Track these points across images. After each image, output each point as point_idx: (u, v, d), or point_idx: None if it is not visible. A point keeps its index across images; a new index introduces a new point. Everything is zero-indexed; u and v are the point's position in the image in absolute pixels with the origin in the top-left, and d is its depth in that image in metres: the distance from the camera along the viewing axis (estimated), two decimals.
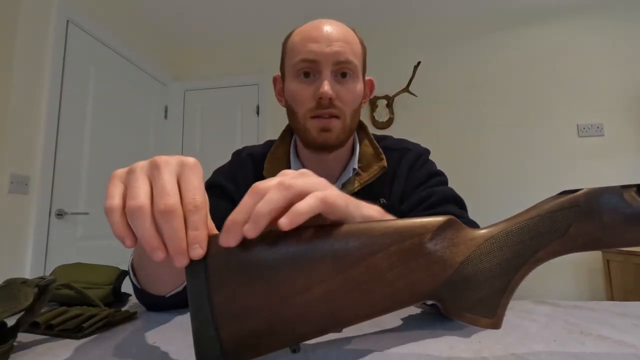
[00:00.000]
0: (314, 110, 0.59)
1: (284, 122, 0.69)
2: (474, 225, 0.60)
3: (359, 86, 0.63)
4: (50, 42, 1.73)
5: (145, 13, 2.41)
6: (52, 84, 1.73)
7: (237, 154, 0.72)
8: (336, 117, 0.60)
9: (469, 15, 2.49)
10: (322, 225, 0.28)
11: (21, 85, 1.59)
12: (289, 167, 0.67)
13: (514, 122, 2.36)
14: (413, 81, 2.41)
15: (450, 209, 0.61)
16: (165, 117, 2.69)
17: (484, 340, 0.35)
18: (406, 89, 2.43)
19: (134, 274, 0.48)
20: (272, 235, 0.27)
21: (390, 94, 2.47)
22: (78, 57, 1.91)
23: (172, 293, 0.47)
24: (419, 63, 2.38)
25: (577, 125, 2.28)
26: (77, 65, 1.90)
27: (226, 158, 0.75)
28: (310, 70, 0.60)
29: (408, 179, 0.66)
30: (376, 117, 2.51)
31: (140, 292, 0.49)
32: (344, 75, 0.60)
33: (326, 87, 0.57)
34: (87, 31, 1.98)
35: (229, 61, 2.81)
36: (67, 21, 1.85)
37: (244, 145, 0.76)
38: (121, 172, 0.28)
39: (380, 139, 0.72)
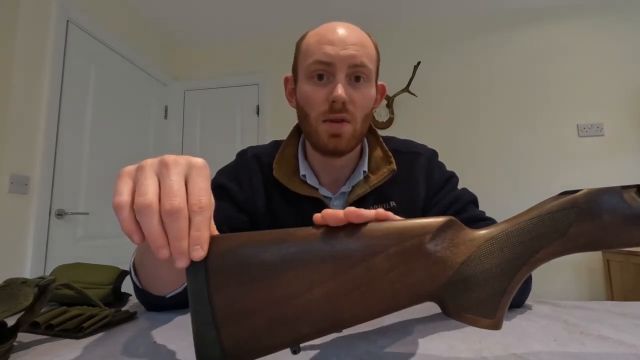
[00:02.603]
0: (326, 114, 0.58)
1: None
2: (492, 222, 0.61)
3: (372, 91, 0.62)
4: (50, 42, 1.73)
5: (145, 13, 2.41)
6: (52, 84, 1.73)
7: (241, 155, 0.71)
8: (347, 121, 0.59)
9: (468, 16, 2.49)
10: (322, 226, 0.28)
11: (21, 85, 1.59)
12: (297, 169, 0.66)
13: (514, 122, 2.36)
14: (413, 81, 2.41)
15: (476, 211, 0.64)
16: (165, 117, 2.68)
17: (484, 341, 0.35)
18: (406, 89, 2.43)
19: (135, 273, 0.48)
20: (272, 236, 0.27)
21: (390, 94, 2.47)
22: (78, 57, 1.91)
23: (172, 293, 0.47)
24: (419, 63, 2.38)
25: (577, 125, 2.28)
26: (77, 65, 1.90)
27: (226, 158, 0.75)
28: (324, 72, 0.58)
29: (427, 184, 0.67)
30: (376, 117, 2.50)
31: (140, 291, 0.49)
32: (357, 79, 0.59)
33: (340, 90, 0.56)
34: (87, 31, 1.97)
35: (229, 61, 2.81)
36: (67, 21, 1.84)
37: (244, 145, 0.76)
38: (130, 169, 0.28)
39: (386, 140, 0.71)
